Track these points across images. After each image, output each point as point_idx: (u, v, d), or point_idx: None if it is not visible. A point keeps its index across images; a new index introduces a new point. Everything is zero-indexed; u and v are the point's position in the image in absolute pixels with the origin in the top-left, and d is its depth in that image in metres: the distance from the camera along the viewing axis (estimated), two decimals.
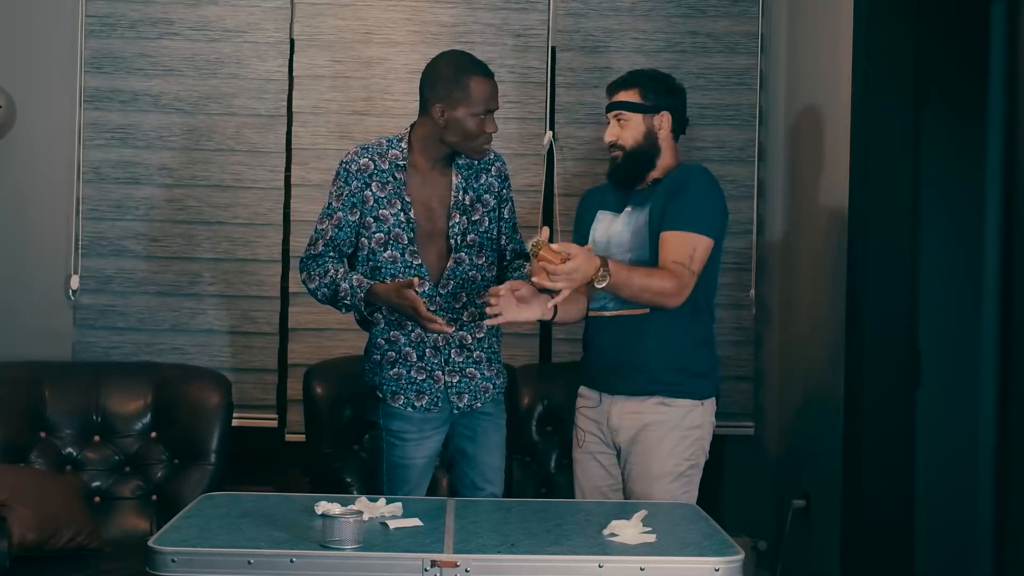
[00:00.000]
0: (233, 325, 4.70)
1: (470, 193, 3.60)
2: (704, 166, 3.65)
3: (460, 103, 3.48)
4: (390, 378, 3.59)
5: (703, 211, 3.45)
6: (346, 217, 3.57)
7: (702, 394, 3.53)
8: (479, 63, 3.55)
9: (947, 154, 4.15)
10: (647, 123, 3.55)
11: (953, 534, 4.18)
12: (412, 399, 3.58)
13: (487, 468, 3.66)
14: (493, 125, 3.53)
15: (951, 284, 4.18)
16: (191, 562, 2.76)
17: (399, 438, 3.59)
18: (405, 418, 3.58)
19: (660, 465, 3.48)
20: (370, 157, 3.58)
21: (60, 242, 4.67)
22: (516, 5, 4.74)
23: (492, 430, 3.68)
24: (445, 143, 3.54)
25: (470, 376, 3.61)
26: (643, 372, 3.52)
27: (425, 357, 3.58)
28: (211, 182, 4.70)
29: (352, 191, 3.57)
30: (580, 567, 2.77)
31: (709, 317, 3.59)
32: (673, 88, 3.61)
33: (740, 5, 4.77)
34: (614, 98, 3.59)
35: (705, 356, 3.55)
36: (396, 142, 3.60)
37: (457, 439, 3.66)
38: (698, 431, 3.52)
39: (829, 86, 4.28)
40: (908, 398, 3.99)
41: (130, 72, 4.68)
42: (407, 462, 3.59)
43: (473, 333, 3.61)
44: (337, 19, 4.71)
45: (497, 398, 3.70)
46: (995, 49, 4.09)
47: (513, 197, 3.76)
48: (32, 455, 4.17)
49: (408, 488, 3.58)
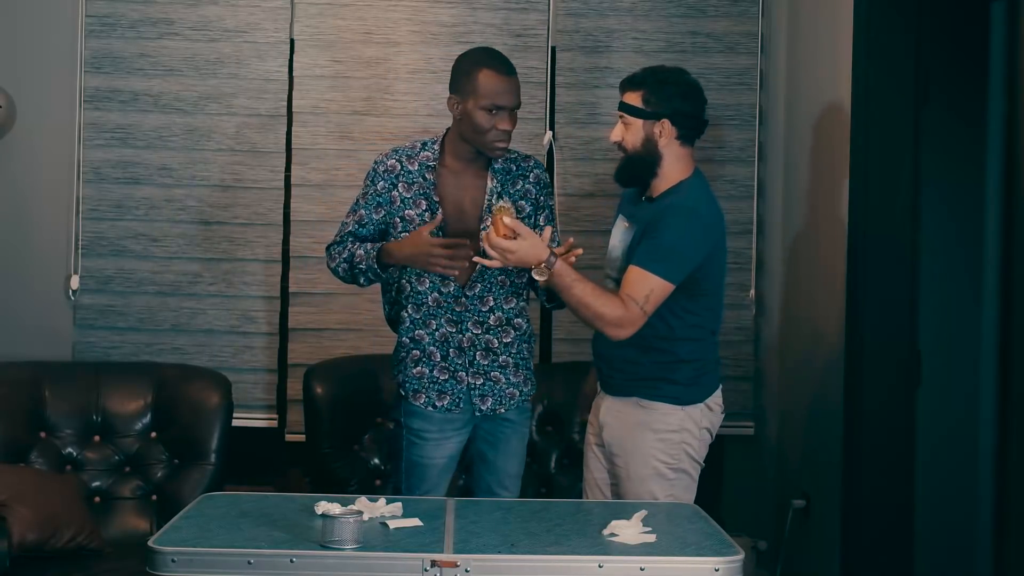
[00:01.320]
0: (233, 325, 4.70)
1: (504, 198, 3.60)
2: (700, 193, 3.50)
3: (470, 95, 3.47)
4: (413, 376, 3.59)
5: (669, 254, 3.36)
6: (369, 215, 3.59)
7: (683, 400, 3.47)
8: (498, 59, 3.53)
9: (947, 154, 4.14)
10: (646, 129, 3.45)
11: (953, 534, 4.17)
12: (433, 398, 3.58)
13: (505, 475, 3.67)
14: (506, 122, 3.49)
15: (951, 284, 4.18)
16: (191, 562, 2.76)
17: (419, 437, 3.58)
18: (426, 417, 3.58)
19: (638, 466, 3.47)
20: (398, 159, 3.59)
21: (60, 242, 4.67)
22: (516, 5, 4.74)
23: (515, 438, 3.68)
24: (461, 137, 3.54)
25: (495, 380, 3.61)
26: (622, 372, 3.51)
27: (449, 357, 3.58)
28: (211, 182, 4.70)
29: (378, 191, 3.58)
30: (580, 567, 2.77)
31: (699, 345, 3.51)
32: (684, 92, 3.46)
33: (740, 5, 4.77)
34: (621, 97, 3.51)
35: (688, 371, 3.48)
36: (430, 144, 3.61)
37: (478, 443, 3.65)
38: (678, 435, 3.47)
39: (829, 86, 4.28)
40: (908, 398, 3.99)
41: (130, 72, 4.68)
42: (426, 461, 3.58)
43: (500, 337, 3.61)
44: (337, 19, 4.71)
45: (523, 405, 3.68)
46: (995, 49, 4.09)
47: (553, 206, 3.73)
48: (32, 455, 4.18)
49: (426, 487, 3.57)
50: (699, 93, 3.50)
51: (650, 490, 3.45)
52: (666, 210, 3.42)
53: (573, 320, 4.60)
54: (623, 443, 3.51)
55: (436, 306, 3.57)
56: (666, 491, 3.46)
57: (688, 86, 3.49)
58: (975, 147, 4.15)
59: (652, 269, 3.35)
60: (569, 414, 4.49)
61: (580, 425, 4.45)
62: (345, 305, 4.69)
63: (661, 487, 3.46)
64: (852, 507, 4.00)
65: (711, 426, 3.56)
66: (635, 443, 3.48)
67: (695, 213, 3.43)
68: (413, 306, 3.59)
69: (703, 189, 3.52)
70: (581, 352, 4.66)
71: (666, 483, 3.47)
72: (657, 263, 3.35)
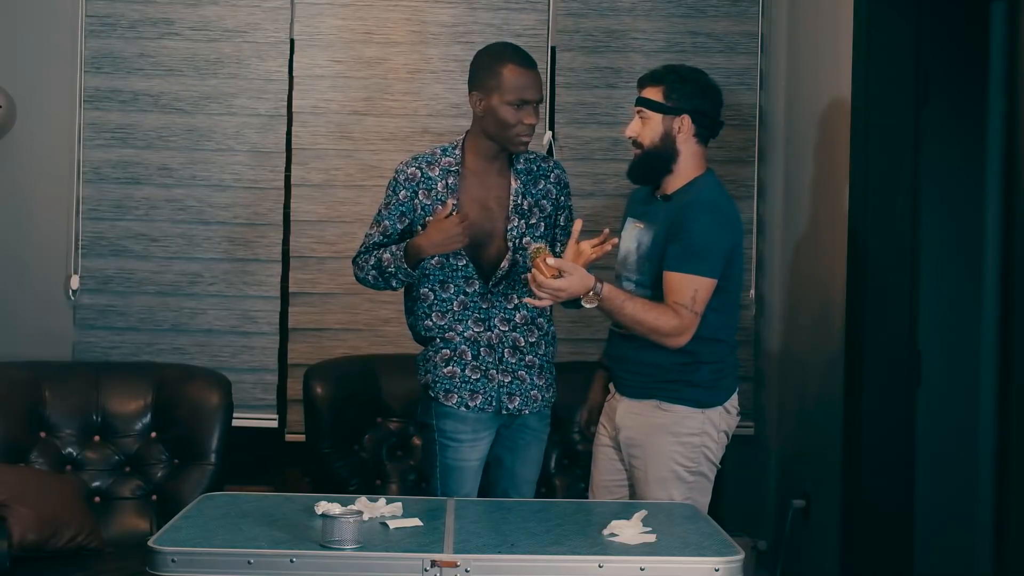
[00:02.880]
0: (233, 325, 4.70)
1: (528, 198, 3.59)
2: (717, 189, 3.54)
3: (494, 91, 3.47)
4: (443, 376, 3.57)
5: (704, 251, 3.38)
6: (394, 225, 3.58)
7: (704, 403, 3.49)
8: (519, 53, 3.54)
9: (947, 154, 4.15)
10: (665, 124, 3.47)
11: (953, 534, 4.17)
12: (466, 398, 3.56)
13: (521, 480, 3.67)
14: (532, 116, 3.49)
15: (951, 284, 4.18)
16: (191, 562, 2.76)
17: (453, 439, 3.56)
18: (459, 418, 3.56)
19: (657, 469, 3.47)
20: (418, 166, 3.58)
21: (60, 242, 4.67)
22: (516, 5, 4.74)
23: (534, 445, 3.68)
24: (485, 134, 3.54)
25: (521, 379, 3.60)
26: (640, 375, 3.52)
27: (480, 356, 3.57)
28: (211, 182, 4.70)
29: (400, 200, 3.58)
30: (580, 567, 2.77)
31: (720, 346, 3.52)
32: (704, 90, 3.50)
33: (740, 5, 4.77)
34: (640, 93, 3.53)
35: (707, 373, 3.49)
36: (451, 149, 3.61)
37: (497, 447, 3.64)
38: (697, 438, 3.48)
39: (829, 86, 4.28)
40: (908, 398, 3.99)
41: (130, 72, 4.68)
42: (462, 464, 3.56)
43: (526, 336, 3.61)
44: (337, 19, 4.71)
45: (543, 411, 3.67)
46: (995, 49, 4.10)
47: (571, 206, 3.74)
48: (32, 455, 4.17)
49: (465, 491, 3.55)
50: (718, 95, 3.56)
51: (668, 492, 3.46)
52: (688, 208, 3.44)
53: (573, 320, 4.62)
54: (642, 446, 3.50)
55: (463, 309, 3.56)
56: (684, 494, 3.46)
57: (709, 86, 3.54)
58: (975, 147, 4.16)
59: (690, 270, 3.37)
60: (569, 414, 4.47)
61: (580, 425, 4.45)
62: (345, 305, 4.69)
63: (679, 490, 3.47)
64: (852, 507, 4.01)
65: (728, 428, 3.57)
66: (654, 446, 3.48)
67: (717, 207, 3.47)
68: (438, 314, 3.58)
69: (718, 185, 3.56)
70: (581, 352, 4.67)
71: (684, 486, 3.47)
72: (693, 263, 3.37)
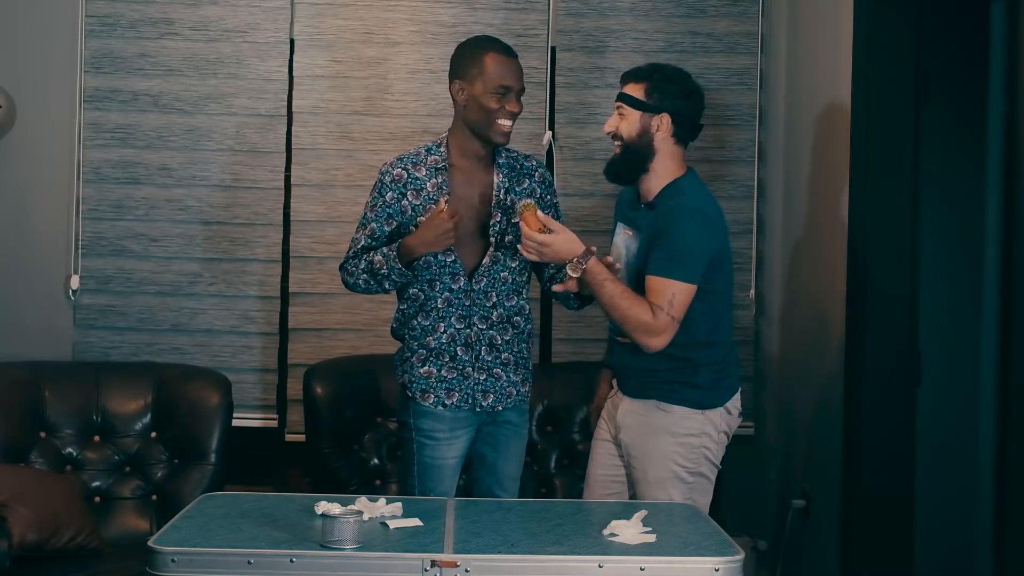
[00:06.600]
0: (233, 325, 4.70)
1: (511, 195, 3.59)
2: (701, 192, 3.52)
3: (477, 79, 3.48)
4: (420, 376, 3.58)
5: (684, 256, 3.37)
6: (381, 227, 3.57)
7: (704, 404, 3.48)
8: (500, 43, 3.56)
9: (947, 154, 4.14)
10: (643, 122, 3.46)
11: (953, 534, 4.17)
12: (442, 397, 3.57)
13: (504, 477, 3.67)
14: (515, 104, 3.51)
15: (951, 284, 4.18)
16: (191, 562, 2.76)
17: (430, 437, 3.57)
18: (436, 417, 3.57)
19: (656, 470, 3.47)
20: (403, 167, 3.58)
21: (60, 242, 4.67)
22: (516, 5, 4.74)
23: (515, 440, 3.68)
24: (468, 125, 3.54)
25: (496, 376, 3.60)
26: (638, 376, 3.51)
27: (456, 355, 3.57)
28: (211, 182, 4.70)
29: (387, 202, 3.57)
30: (580, 567, 2.78)
31: (717, 348, 3.52)
32: (686, 91, 3.48)
33: (740, 5, 4.77)
34: (622, 88, 3.52)
35: (707, 374, 3.49)
36: (435, 148, 3.60)
37: (479, 444, 3.65)
38: (697, 439, 3.48)
39: (829, 86, 4.28)
40: (908, 398, 3.99)
41: (130, 72, 4.68)
42: (440, 462, 3.57)
43: (501, 334, 3.61)
44: (337, 19, 4.71)
45: (520, 406, 3.67)
46: (995, 49, 4.10)
47: (557, 204, 3.74)
48: (32, 455, 4.17)
49: (442, 489, 3.56)
50: (701, 98, 3.54)
51: (668, 493, 3.45)
52: (670, 214, 3.42)
53: (573, 320, 4.63)
54: (641, 446, 3.50)
55: (447, 306, 3.56)
56: (684, 494, 3.46)
57: (693, 88, 3.52)
58: (975, 147, 4.15)
59: (669, 275, 3.36)
60: (569, 414, 4.49)
61: (580, 425, 4.45)
62: (345, 305, 4.69)
63: (679, 490, 3.46)
64: (852, 507, 4.01)
65: (729, 429, 3.57)
66: (654, 446, 3.48)
67: (699, 211, 3.44)
68: (423, 313, 3.58)
69: (701, 187, 3.54)
70: (581, 352, 4.67)
71: (684, 486, 3.47)
72: (673, 268, 3.36)
